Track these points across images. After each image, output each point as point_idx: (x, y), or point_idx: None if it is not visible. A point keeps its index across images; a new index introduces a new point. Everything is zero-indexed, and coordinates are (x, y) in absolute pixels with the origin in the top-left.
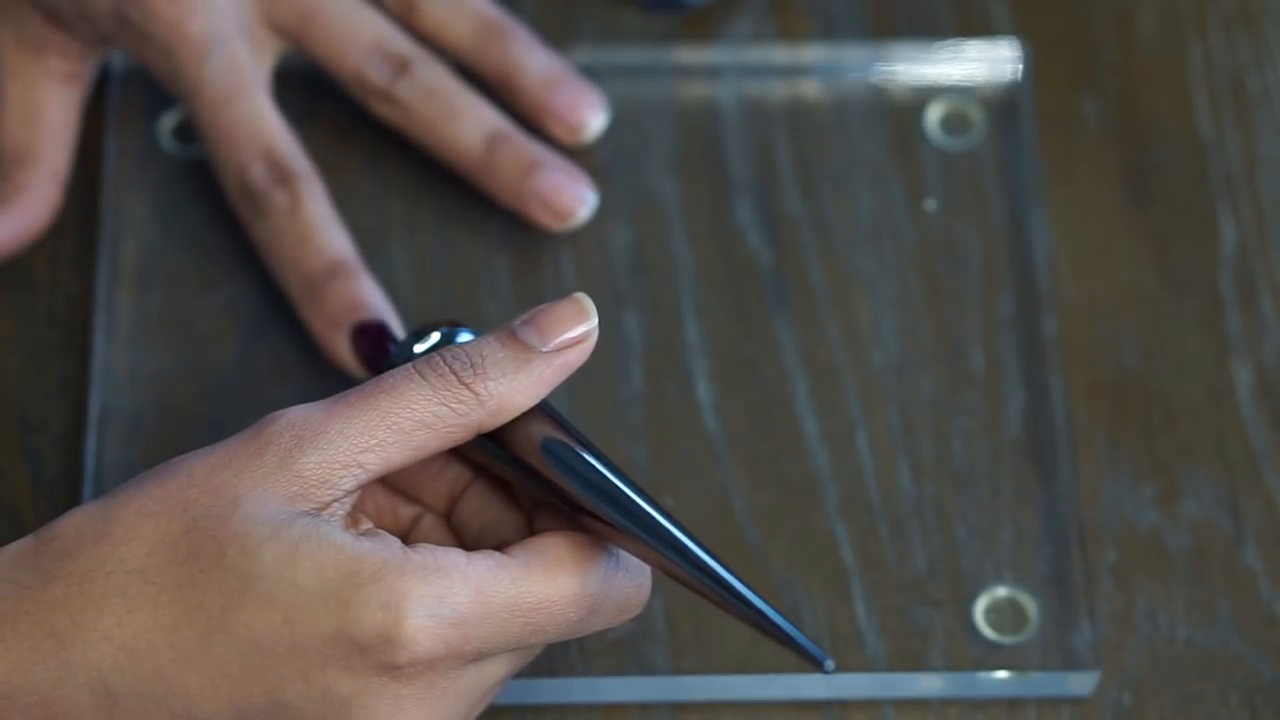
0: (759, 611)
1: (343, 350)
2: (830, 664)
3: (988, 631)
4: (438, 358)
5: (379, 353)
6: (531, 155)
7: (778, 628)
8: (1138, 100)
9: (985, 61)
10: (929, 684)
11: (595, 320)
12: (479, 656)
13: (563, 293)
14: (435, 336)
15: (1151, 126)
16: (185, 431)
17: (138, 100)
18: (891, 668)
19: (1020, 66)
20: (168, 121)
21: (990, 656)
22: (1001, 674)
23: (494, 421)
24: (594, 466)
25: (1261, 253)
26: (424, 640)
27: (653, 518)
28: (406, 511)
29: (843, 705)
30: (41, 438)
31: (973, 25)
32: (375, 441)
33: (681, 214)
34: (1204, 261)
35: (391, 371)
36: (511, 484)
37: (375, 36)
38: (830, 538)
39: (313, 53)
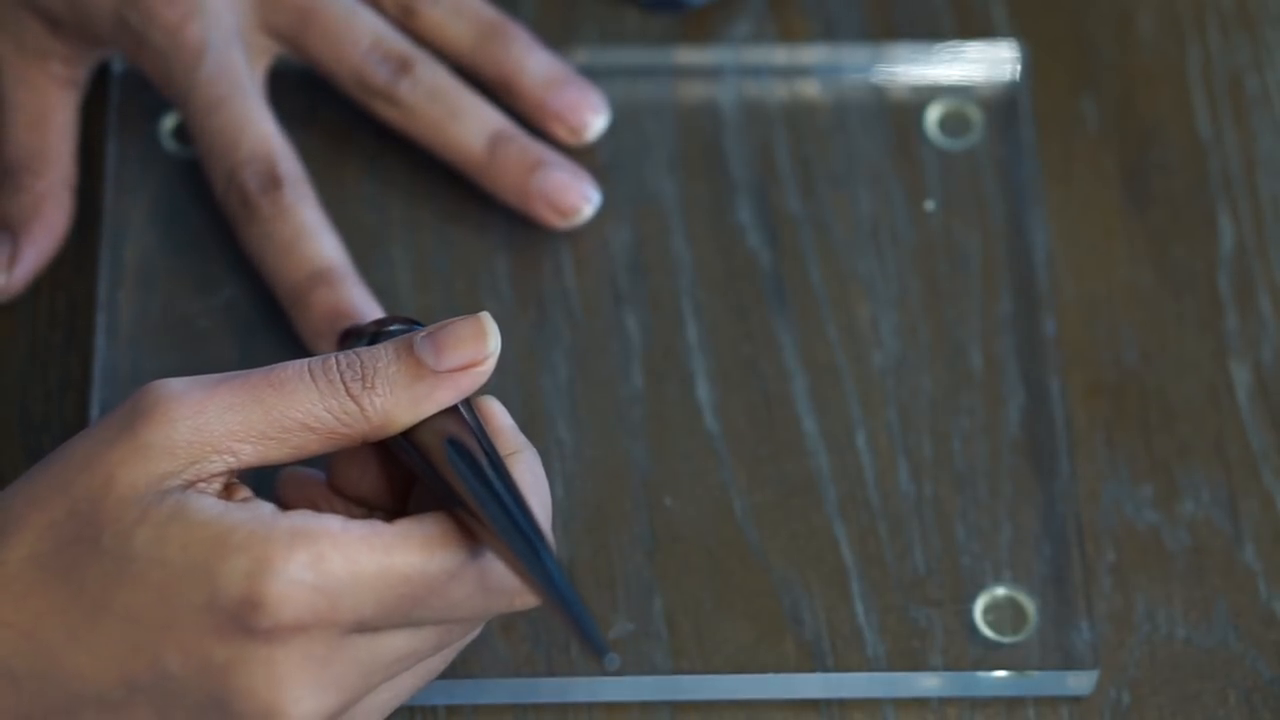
0: (575, 614)
1: None
2: (612, 659)
3: (987, 631)
4: (331, 361)
5: None
6: (535, 154)
7: (574, 618)
8: (1137, 101)
9: (984, 62)
10: (928, 683)
11: (495, 344)
12: (359, 626)
13: (564, 293)
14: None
15: (1150, 127)
16: None
17: (138, 101)
18: (891, 667)
19: (1019, 67)
20: (168, 122)
21: (989, 656)
22: (1001, 673)
23: (378, 435)
24: (478, 465)
25: (1260, 253)
26: (287, 605)
27: (523, 522)
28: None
29: (842, 704)
30: (43, 438)
31: (972, 26)
32: (254, 434)
33: (681, 214)
34: (1203, 262)
35: (284, 365)
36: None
37: (375, 37)
38: (830, 537)
39: (311, 54)
